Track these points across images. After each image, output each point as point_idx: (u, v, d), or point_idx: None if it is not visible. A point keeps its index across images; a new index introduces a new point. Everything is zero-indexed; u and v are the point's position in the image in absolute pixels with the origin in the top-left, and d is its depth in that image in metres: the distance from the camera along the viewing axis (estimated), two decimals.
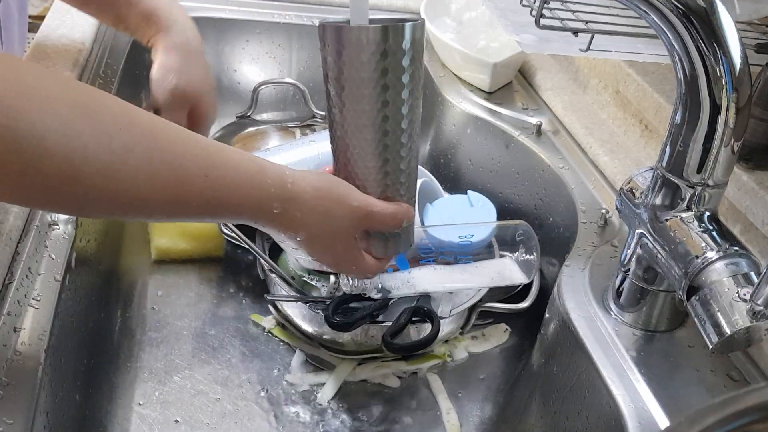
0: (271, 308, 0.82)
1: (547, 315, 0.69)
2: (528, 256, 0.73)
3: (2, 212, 0.60)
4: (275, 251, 0.81)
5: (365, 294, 0.70)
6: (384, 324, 0.73)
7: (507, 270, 0.74)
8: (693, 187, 0.54)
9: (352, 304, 0.73)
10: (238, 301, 0.85)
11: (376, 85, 0.51)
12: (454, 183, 0.99)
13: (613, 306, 0.63)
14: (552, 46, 0.74)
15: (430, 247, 0.73)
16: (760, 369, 0.59)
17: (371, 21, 0.51)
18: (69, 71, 0.82)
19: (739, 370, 0.59)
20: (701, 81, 0.50)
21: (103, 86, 0.86)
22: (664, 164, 0.56)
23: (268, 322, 0.82)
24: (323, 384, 0.76)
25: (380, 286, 0.69)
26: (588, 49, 0.68)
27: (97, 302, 0.71)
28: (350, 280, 0.69)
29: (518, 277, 0.73)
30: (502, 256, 0.75)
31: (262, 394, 0.75)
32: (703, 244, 0.53)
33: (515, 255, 0.74)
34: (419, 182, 0.84)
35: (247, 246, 0.79)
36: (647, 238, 0.58)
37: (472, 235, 0.75)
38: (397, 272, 0.70)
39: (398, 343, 0.71)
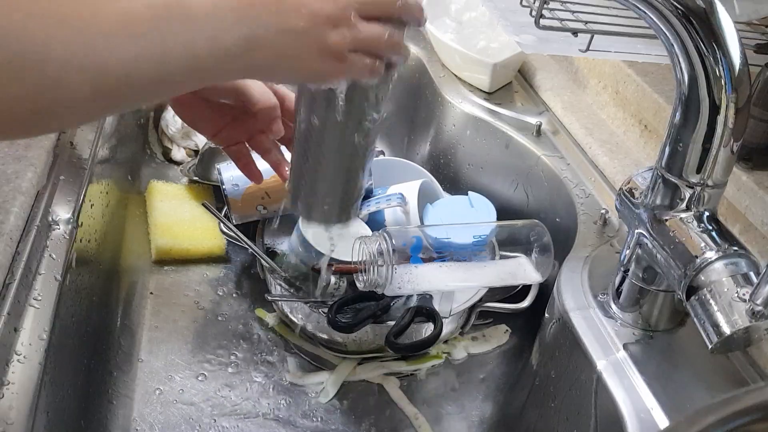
0: (274, 307, 0.82)
1: (546, 315, 0.69)
2: (542, 256, 0.73)
3: (2, 212, 0.60)
4: (275, 251, 0.82)
5: (378, 291, 0.69)
6: (385, 324, 0.73)
7: (521, 269, 0.74)
8: (692, 187, 0.54)
9: (354, 305, 0.73)
10: (238, 301, 0.85)
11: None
12: (454, 183, 0.99)
13: (612, 306, 0.63)
14: (551, 46, 0.74)
15: (444, 245, 0.73)
16: (759, 369, 0.59)
17: None
18: None
19: (738, 370, 0.59)
20: (700, 81, 0.50)
21: None
22: (663, 164, 0.56)
23: (272, 318, 0.82)
24: (323, 383, 0.76)
25: (394, 283, 0.69)
26: (587, 49, 0.68)
27: (97, 302, 0.71)
28: (364, 277, 0.68)
29: (533, 277, 0.73)
30: (516, 256, 0.75)
31: (263, 393, 0.75)
32: (703, 244, 0.53)
33: (530, 254, 0.74)
34: (419, 182, 0.84)
35: (247, 246, 0.79)
36: (647, 238, 0.58)
37: (486, 235, 0.75)
38: (410, 270, 0.70)
39: (401, 343, 0.71)
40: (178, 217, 0.91)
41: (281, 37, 0.47)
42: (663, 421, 0.54)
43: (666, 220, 0.56)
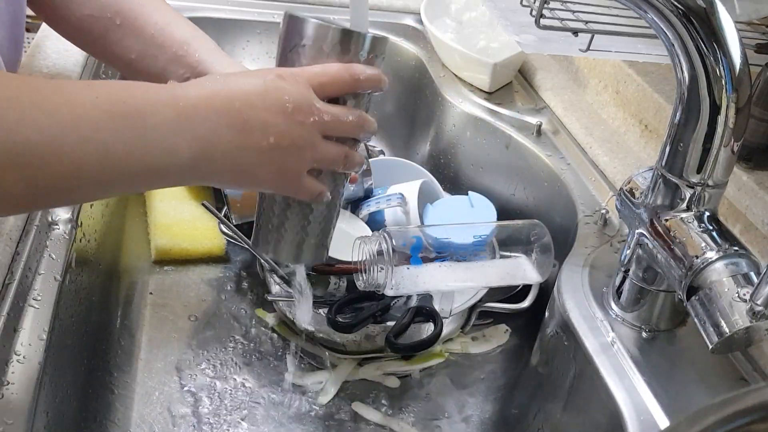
0: (274, 307, 0.82)
1: (546, 315, 0.69)
2: (542, 256, 0.73)
3: None
4: None
5: (379, 291, 0.69)
6: (386, 324, 0.73)
7: (520, 269, 0.74)
8: (693, 187, 0.54)
9: (354, 305, 0.73)
10: (238, 301, 0.85)
11: None
12: (454, 183, 0.99)
13: (613, 306, 0.63)
14: (552, 46, 0.74)
15: (445, 245, 0.73)
16: (760, 369, 0.59)
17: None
18: (71, 71, 0.82)
19: (739, 370, 0.59)
20: (701, 81, 0.50)
21: None
22: (663, 164, 0.56)
23: (272, 318, 0.82)
24: (323, 383, 0.76)
25: (394, 283, 0.69)
26: (588, 49, 0.68)
27: (97, 302, 0.71)
28: (364, 277, 0.68)
29: (532, 277, 0.73)
30: (516, 256, 0.75)
31: (262, 393, 0.75)
32: (703, 244, 0.53)
33: (530, 254, 0.74)
34: (419, 182, 0.84)
35: (247, 246, 0.79)
36: (647, 238, 0.58)
37: (486, 235, 0.75)
38: (410, 270, 0.70)
39: (401, 343, 0.71)
40: (177, 217, 0.91)
41: (240, 154, 0.47)
42: (663, 421, 0.54)
43: (666, 220, 0.56)
